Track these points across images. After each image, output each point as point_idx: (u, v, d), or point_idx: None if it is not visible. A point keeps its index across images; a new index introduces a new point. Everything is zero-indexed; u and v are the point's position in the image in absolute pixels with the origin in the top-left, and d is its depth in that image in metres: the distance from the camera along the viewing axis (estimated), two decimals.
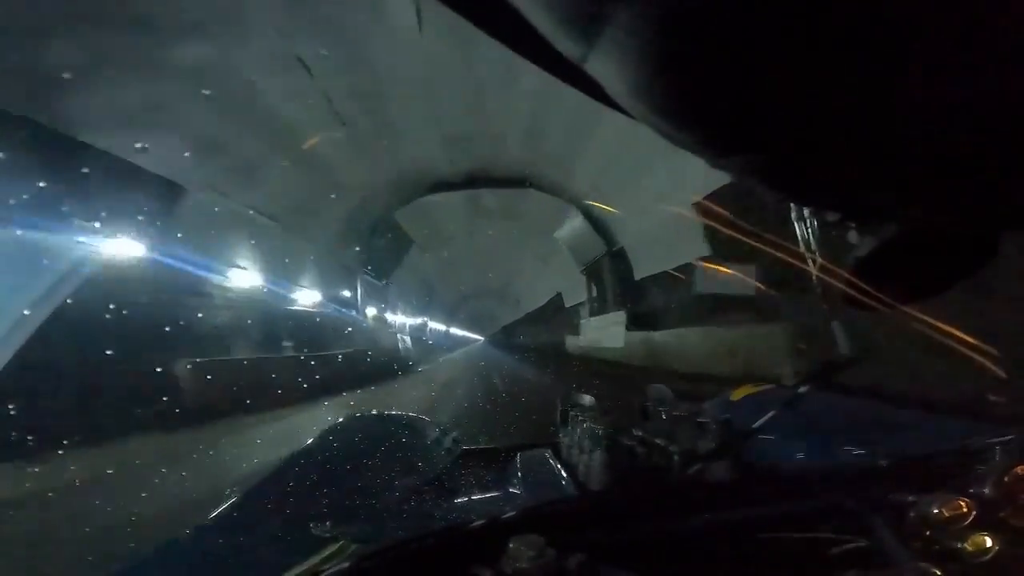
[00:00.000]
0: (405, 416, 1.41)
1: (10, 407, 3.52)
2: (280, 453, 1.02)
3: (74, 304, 4.72)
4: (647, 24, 0.13)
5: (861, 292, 0.38)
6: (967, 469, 0.52)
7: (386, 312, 15.55)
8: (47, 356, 4.33)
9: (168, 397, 5.35)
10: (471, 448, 1.38)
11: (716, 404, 1.13)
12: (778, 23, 0.13)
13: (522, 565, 0.42)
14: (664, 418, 1.01)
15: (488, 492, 1.10)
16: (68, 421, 3.99)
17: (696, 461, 0.80)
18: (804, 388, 0.79)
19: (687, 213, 7.66)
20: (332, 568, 0.47)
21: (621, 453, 0.94)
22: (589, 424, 1.03)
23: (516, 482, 1.06)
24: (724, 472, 0.79)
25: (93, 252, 5.13)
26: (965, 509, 0.45)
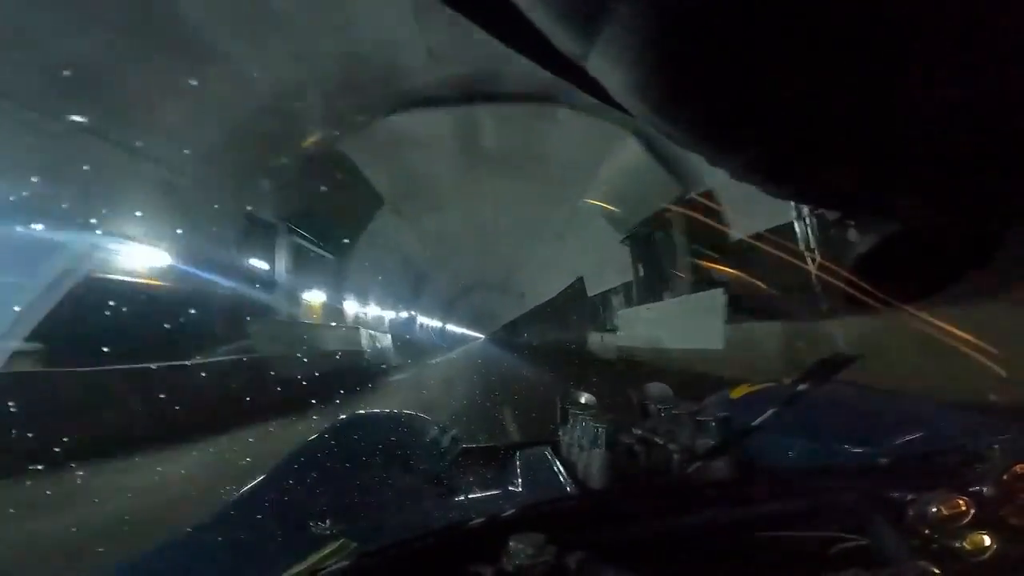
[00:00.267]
0: (404, 414, 1.41)
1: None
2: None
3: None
4: (647, 22, 0.13)
5: (860, 291, 0.38)
6: (966, 467, 0.52)
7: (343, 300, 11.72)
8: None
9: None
10: (470, 446, 1.38)
11: (715, 402, 1.13)
12: (779, 23, 0.13)
13: (522, 563, 0.42)
14: (664, 416, 1.01)
15: (488, 490, 1.10)
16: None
17: (695, 459, 0.81)
18: (803, 386, 0.79)
19: None
20: (332, 567, 0.47)
21: (621, 451, 0.94)
22: (589, 422, 1.03)
23: (516, 480, 1.07)
24: (723, 470, 0.79)
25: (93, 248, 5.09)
26: (964, 507, 0.45)
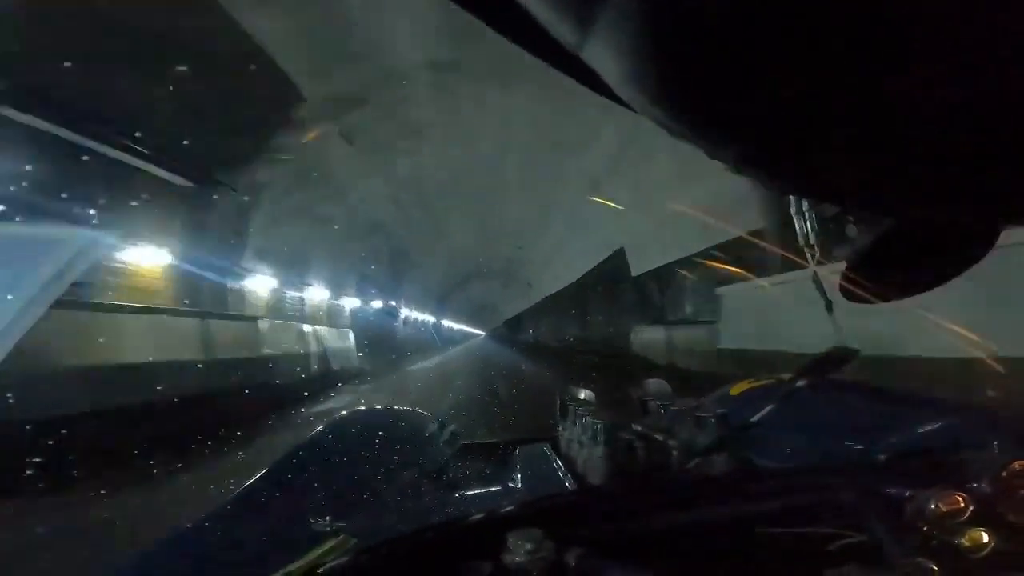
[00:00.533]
0: (404, 410, 1.42)
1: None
2: None
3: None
4: (644, 8, 0.13)
5: (859, 287, 0.38)
6: (964, 464, 0.52)
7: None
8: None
9: None
10: (470, 442, 1.39)
11: (714, 399, 1.13)
12: (779, 15, 0.13)
13: (521, 559, 0.42)
14: (663, 413, 1.01)
15: (487, 486, 1.10)
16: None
17: (694, 455, 0.81)
18: (802, 383, 0.79)
19: None
20: (331, 562, 0.47)
21: (620, 447, 0.95)
22: (588, 418, 1.03)
23: (515, 476, 1.07)
24: (722, 466, 0.80)
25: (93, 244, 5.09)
26: (962, 504, 0.45)
